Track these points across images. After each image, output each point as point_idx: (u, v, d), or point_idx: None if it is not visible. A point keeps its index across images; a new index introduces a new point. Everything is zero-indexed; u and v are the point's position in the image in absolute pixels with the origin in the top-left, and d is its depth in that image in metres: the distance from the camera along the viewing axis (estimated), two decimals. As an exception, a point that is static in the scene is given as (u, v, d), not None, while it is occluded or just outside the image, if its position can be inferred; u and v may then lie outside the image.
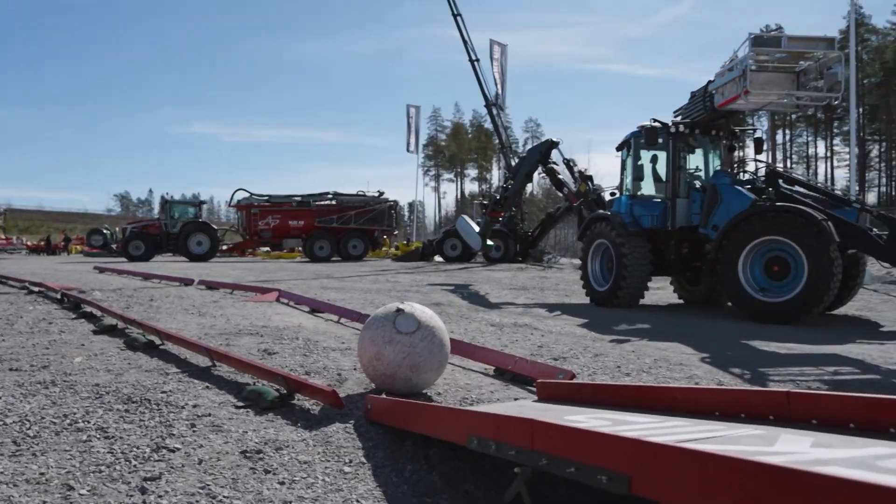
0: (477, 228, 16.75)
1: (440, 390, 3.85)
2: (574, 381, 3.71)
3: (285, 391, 3.41)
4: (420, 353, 3.52)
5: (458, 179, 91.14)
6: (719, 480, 1.19)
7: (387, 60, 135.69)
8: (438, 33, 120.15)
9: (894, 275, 12.99)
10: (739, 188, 8.63)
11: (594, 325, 7.41)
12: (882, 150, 63.94)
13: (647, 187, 10.24)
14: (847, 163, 63.89)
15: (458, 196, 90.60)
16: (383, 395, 3.14)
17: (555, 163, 16.74)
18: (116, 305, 8.05)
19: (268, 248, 30.70)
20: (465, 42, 24.52)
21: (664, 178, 9.97)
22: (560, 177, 16.58)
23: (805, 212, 7.67)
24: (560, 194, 16.73)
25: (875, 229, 7.91)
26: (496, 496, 2.20)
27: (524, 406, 3.34)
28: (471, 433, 2.06)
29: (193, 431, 2.90)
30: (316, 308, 7.91)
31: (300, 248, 27.88)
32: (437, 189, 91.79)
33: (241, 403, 3.38)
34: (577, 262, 25.69)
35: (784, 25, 65.85)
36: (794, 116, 60.90)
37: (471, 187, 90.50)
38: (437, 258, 26.27)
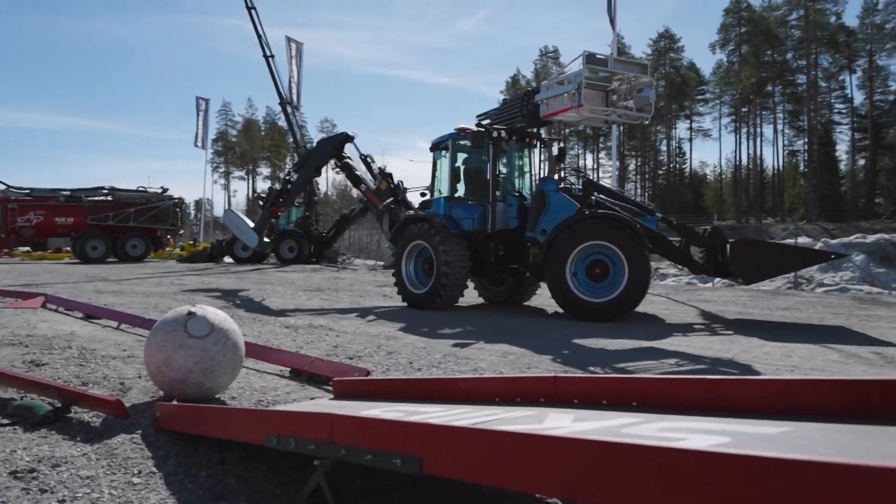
0: (251, 223, 14.62)
1: (234, 394, 3.79)
2: (368, 377, 3.86)
3: (60, 404, 3.15)
4: (213, 357, 3.44)
5: (250, 178, 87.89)
6: (497, 453, 1.38)
7: (174, 48, 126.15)
8: (231, 24, 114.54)
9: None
10: (565, 195, 9.12)
11: (415, 328, 7.39)
12: (637, 164, 72.93)
13: (458, 190, 10.33)
14: (610, 174, 71.86)
15: (250, 195, 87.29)
16: (174, 402, 3.03)
17: (349, 158, 15.45)
18: None
19: (28, 248, 27.22)
20: (259, 37, 23.77)
21: (480, 182, 10.17)
22: (357, 173, 15.46)
23: (624, 219, 8.53)
24: (358, 192, 15.59)
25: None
26: (296, 492, 2.26)
27: (320, 404, 3.42)
28: (269, 432, 2.10)
29: (-52, 455, 2.58)
30: (91, 313, 7.25)
31: (69, 248, 25.11)
32: (227, 187, 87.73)
33: (5, 421, 3.06)
34: (372, 262, 25.72)
35: (559, 49, 72.36)
36: (567, 130, 67.07)
37: (263, 186, 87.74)
38: (227, 259, 25.17)
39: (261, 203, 15.32)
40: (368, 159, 14.64)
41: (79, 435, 2.87)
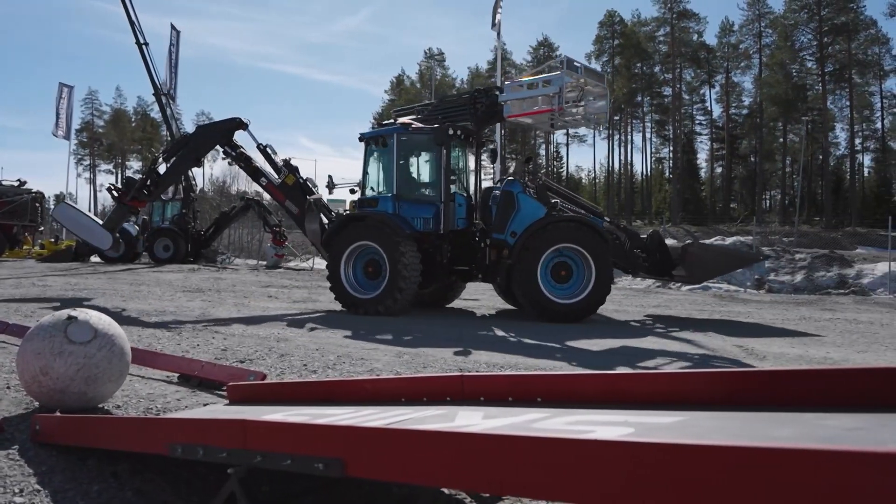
0: (97, 220, 12.18)
1: (119, 402, 3.57)
2: (265, 381, 3.77)
3: (-84, 420, 2.85)
4: (97, 364, 3.23)
5: (119, 171, 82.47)
6: (425, 453, 1.41)
7: (32, 29, 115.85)
8: (99, 7, 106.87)
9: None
10: (532, 198, 9.18)
11: (365, 335, 7.00)
12: (517, 165, 75.28)
13: (384, 188, 10.00)
14: (492, 175, 73.46)
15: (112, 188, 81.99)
16: (57, 413, 2.82)
17: (243, 148, 12.71)
18: None
19: None
20: (132, 23, 22.35)
21: (428, 181, 10.01)
22: (256, 165, 12.67)
23: (591, 222, 8.87)
24: (258, 186, 12.74)
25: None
26: (200, 502, 2.18)
27: (216, 410, 3.30)
28: (173, 441, 2.01)
29: None
30: (-59, 319, 6.56)
31: None
32: (92, 181, 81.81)
33: None
34: (253, 262, 24.86)
35: (445, 52, 73.42)
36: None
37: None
38: (94, 258, 23.54)
39: (115, 195, 12.34)
40: (269, 149, 12.19)
41: (-56, 453, 2.61)
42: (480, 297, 12.81)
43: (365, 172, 10.24)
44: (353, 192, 10.90)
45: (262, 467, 1.77)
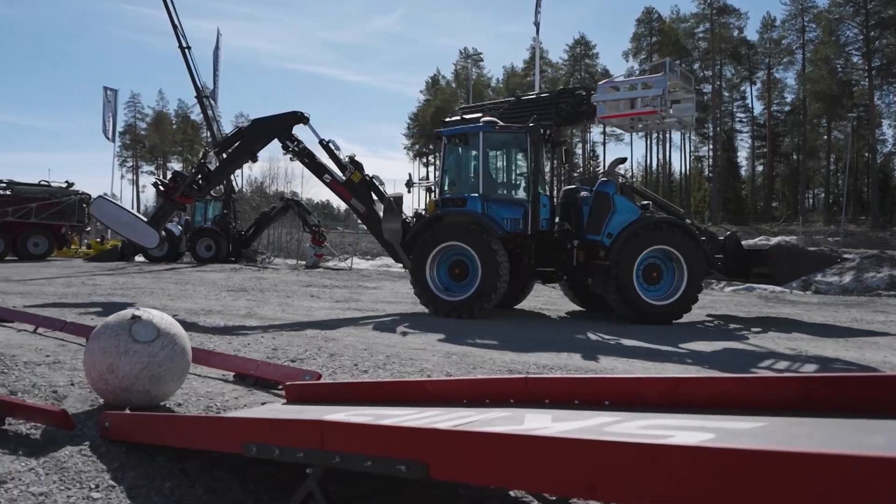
0: (139, 216, 11.37)
1: (179, 401, 3.64)
2: (321, 381, 3.79)
3: (-8, 416, 2.93)
4: (161, 363, 3.30)
5: (161, 172, 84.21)
6: (516, 457, 1.40)
7: (76, 34, 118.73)
8: (135, 11, 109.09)
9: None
10: (625, 198, 9.15)
11: (460, 339, 6.78)
12: (553, 165, 74.61)
13: (465, 187, 9.64)
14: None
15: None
16: (126, 411, 2.88)
17: (301, 142, 11.56)
18: None
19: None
20: (175, 27, 22.81)
21: (514, 180, 9.80)
22: (319, 160, 11.59)
23: (685, 224, 8.96)
24: (322, 181, 11.56)
25: None
26: (272, 500, 2.20)
27: (277, 410, 3.33)
28: (247, 440, 2.03)
29: None
30: (1, 317, 6.77)
31: (-39, 246, 23.30)
32: (135, 182, 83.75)
33: (-68, 435, 2.82)
34: (292, 262, 25.05)
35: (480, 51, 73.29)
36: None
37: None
38: (139, 258, 24.07)
39: (162, 190, 11.52)
40: (332, 145, 11.23)
41: (20, 448, 2.68)
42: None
43: (443, 170, 9.87)
44: (429, 191, 10.66)
45: (342, 468, 1.77)
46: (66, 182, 25.69)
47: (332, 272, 19.92)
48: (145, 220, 11.05)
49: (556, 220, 9.78)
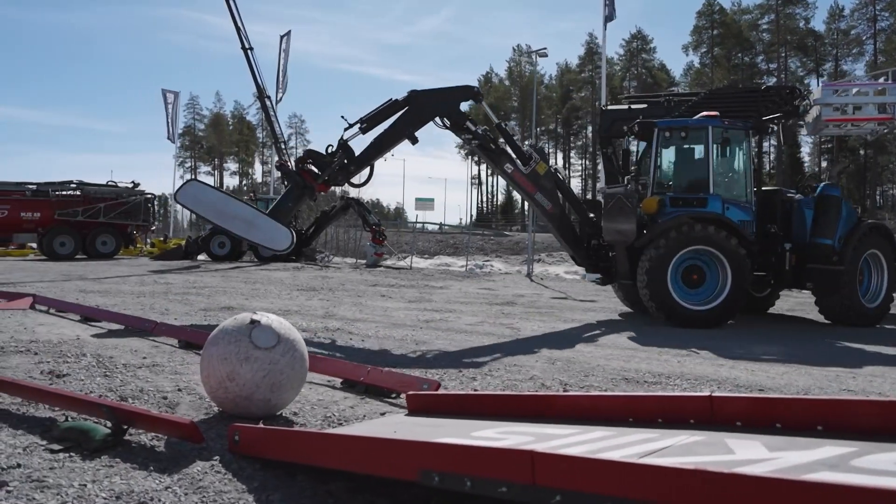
0: (255, 210, 8.68)
1: (294, 409, 3.44)
2: (444, 391, 3.55)
3: (110, 425, 2.76)
4: (282, 370, 3.10)
5: (217, 173, 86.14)
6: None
7: (131, 41, 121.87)
8: (191, 16, 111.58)
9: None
10: (848, 204, 9.31)
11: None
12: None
13: (688, 185, 9.05)
14: (580, 173, 72.44)
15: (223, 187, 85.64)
16: (260, 424, 2.68)
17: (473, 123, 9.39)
18: None
19: (-10, 244, 26.00)
20: (238, 29, 23.11)
21: (736, 178, 9.17)
22: (502, 146, 9.54)
23: (888, 228, 9.32)
24: (500, 174, 10.00)
25: None
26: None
27: (402, 422, 3.10)
28: (426, 468, 1.78)
29: (9, 494, 2.19)
30: (90, 316, 6.77)
31: (33, 245, 24.07)
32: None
33: (56, 447, 2.66)
34: (351, 261, 24.87)
35: (531, 47, 72.28)
36: (542, 128, 67.55)
37: (231, 182, 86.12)
38: (202, 257, 24.43)
39: (296, 173, 8.74)
40: (510, 130, 8.80)
41: (151, 463, 2.50)
42: (598, 299, 12.34)
43: (655, 165, 9.06)
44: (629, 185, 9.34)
45: (561, 509, 1.50)
46: (133, 182, 26.29)
47: (393, 271, 19.81)
48: (265, 213, 8.50)
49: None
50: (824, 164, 62.19)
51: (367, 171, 8.70)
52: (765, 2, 58.82)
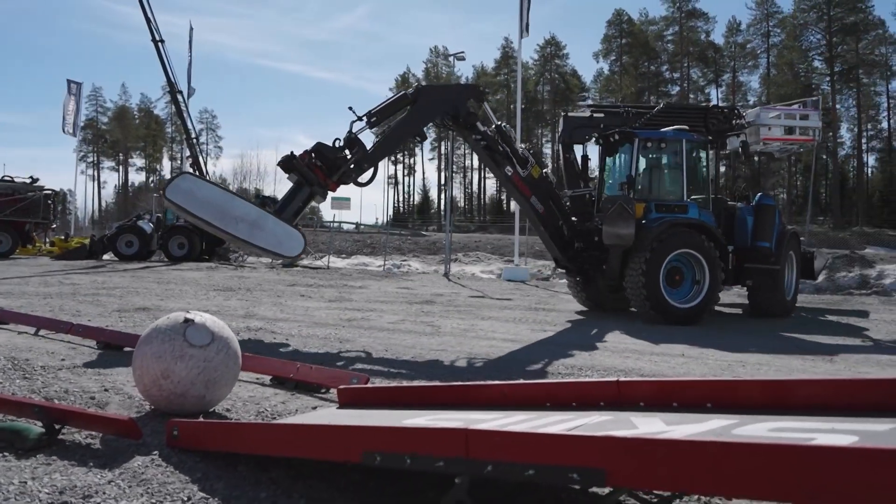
0: (259, 209, 7.33)
1: (227, 406, 3.52)
2: (373, 385, 3.72)
3: (44, 424, 2.78)
4: (216, 368, 3.18)
5: (122, 168, 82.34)
6: (717, 464, 1.37)
7: (28, 26, 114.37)
8: (94, 2, 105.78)
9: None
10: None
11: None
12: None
13: (663, 192, 9.85)
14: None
15: (120, 186, 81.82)
16: (200, 419, 2.77)
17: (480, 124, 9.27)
18: None
19: None
20: (148, 21, 22.26)
21: (701, 187, 9.92)
22: (504, 148, 9.28)
23: (798, 234, 11.23)
24: (497, 176, 9.97)
25: None
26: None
27: (335, 414, 3.25)
28: (369, 449, 1.96)
29: (-54, 493, 2.21)
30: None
31: (-83, 243, 22.41)
32: (96, 178, 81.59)
33: (-13, 447, 2.66)
34: (266, 260, 24.44)
35: (448, 48, 72.99)
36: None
37: (137, 177, 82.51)
38: (107, 256, 23.44)
39: (310, 175, 7.73)
40: (507, 130, 9.25)
41: (89, 460, 2.55)
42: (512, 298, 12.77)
43: (635, 173, 9.59)
44: (590, 197, 10.37)
45: (493, 477, 1.71)
46: (31, 177, 24.91)
47: (310, 271, 19.67)
48: (272, 212, 7.39)
49: None
50: (722, 168, 65.91)
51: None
52: (669, 14, 61.88)
